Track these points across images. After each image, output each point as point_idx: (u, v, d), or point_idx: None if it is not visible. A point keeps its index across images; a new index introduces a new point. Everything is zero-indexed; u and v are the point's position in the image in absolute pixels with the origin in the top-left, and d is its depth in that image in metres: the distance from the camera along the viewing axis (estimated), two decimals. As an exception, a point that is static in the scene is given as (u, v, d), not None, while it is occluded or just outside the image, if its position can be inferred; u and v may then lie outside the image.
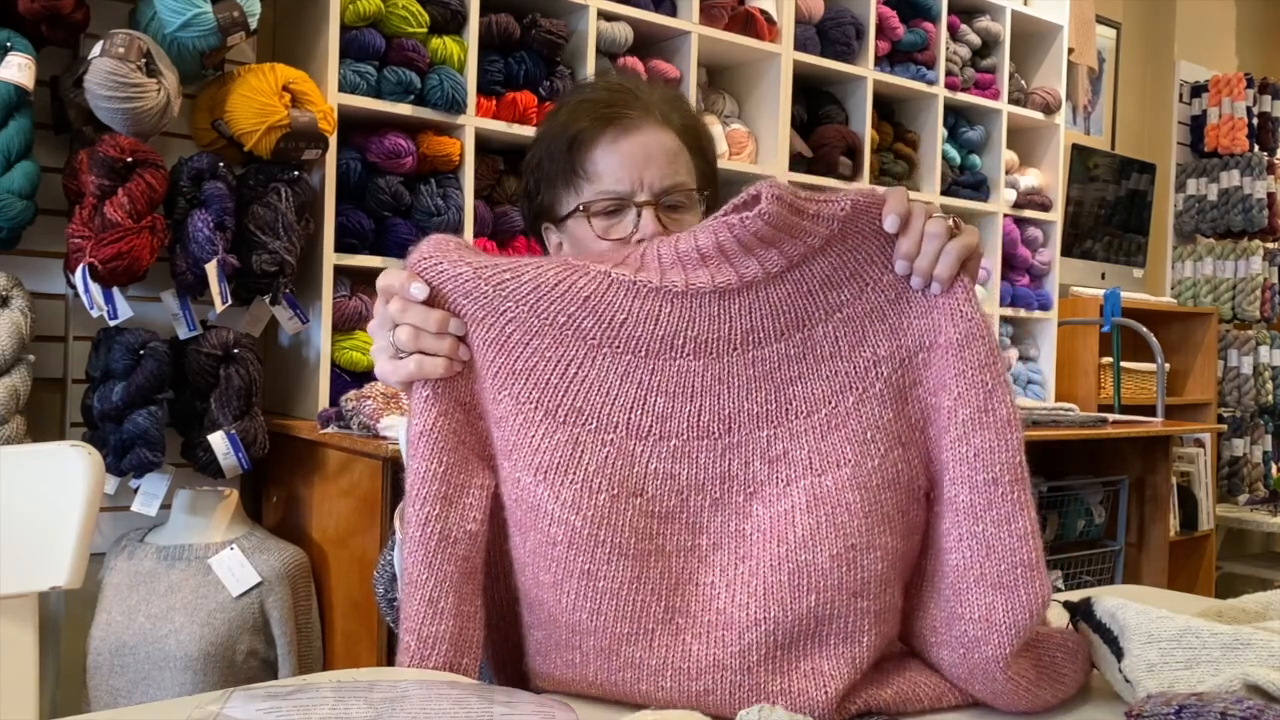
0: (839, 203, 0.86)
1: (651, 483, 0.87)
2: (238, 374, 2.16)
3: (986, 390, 0.85)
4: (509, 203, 2.62)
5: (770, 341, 0.88)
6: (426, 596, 0.85)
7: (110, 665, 2.03)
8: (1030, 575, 0.83)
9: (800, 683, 0.84)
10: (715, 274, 0.87)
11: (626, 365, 0.87)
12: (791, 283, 0.88)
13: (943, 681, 0.89)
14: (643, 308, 0.87)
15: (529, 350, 0.87)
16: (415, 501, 0.87)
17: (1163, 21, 4.78)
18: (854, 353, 0.89)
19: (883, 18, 3.27)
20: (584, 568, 0.85)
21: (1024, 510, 0.84)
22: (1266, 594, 1.05)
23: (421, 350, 0.88)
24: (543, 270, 0.88)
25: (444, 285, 0.88)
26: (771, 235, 0.86)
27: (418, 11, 2.39)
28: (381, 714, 0.71)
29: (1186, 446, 4.10)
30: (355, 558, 2.15)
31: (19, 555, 1.14)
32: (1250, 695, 0.76)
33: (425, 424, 0.88)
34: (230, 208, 2.14)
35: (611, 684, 0.87)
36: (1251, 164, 4.65)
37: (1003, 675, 0.84)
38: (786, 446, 0.88)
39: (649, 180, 1.12)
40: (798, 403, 0.88)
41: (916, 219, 0.88)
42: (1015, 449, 0.84)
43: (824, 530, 0.85)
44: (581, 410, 0.87)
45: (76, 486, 1.16)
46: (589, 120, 1.14)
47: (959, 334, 0.86)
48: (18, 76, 1.96)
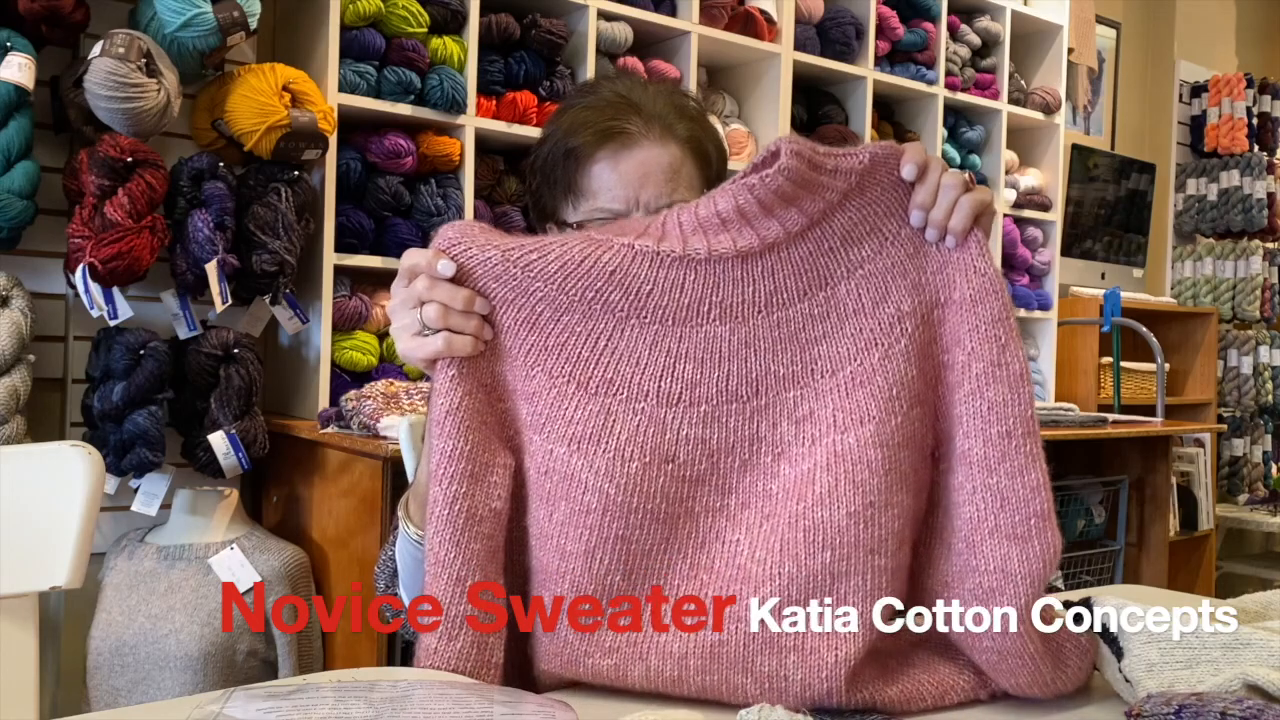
0: (857, 155, 0.87)
1: (683, 449, 0.88)
2: (238, 374, 2.16)
3: (1000, 345, 0.85)
4: (509, 203, 2.62)
5: (794, 302, 0.89)
6: (454, 575, 0.85)
7: (110, 665, 2.03)
8: (1044, 525, 0.83)
9: (812, 641, 0.84)
10: (737, 238, 0.87)
11: (654, 334, 0.88)
12: (812, 241, 0.88)
13: (947, 679, 0.89)
14: (667, 277, 0.88)
15: (559, 326, 0.89)
16: (442, 480, 0.86)
17: (1163, 21, 4.78)
18: (877, 309, 0.89)
19: (883, 18, 3.27)
20: (618, 533, 0.87)
21: (1036, 462, 0.84)
22: (1266, 594, 1.04)
23: (449, 328, 0.88)
24: (568, 248, 0.88)
25: (473, 268, 0.89)
26: (791, 191, 0.86)
27: (418, 11, 2.39)
28: (381, 714, 0.71)
29: (1186, 446, 4.10)
30: (355, 558, 2.15)
31: (19, 555, 1.14)
32: (1250, 695, 0.76)
33: (451, 403, 0.88)
34: (230, 208, 2.14)
35: (626, 642, 0.87)
36: (1251, 164, 4.65)
37: (1022, 628, 0.84)
38: (813, 406, 0.89)
39: (645, 199, 1.12)
40: (822, 362, 0.89)
41: (933, 170, 0.88)
42: (1027, 402, 0.85)
43: (843, 488, 0.86)
44: (612, 381, 0.88)
45: (76, 486, 1.16)
46: (589, 134, 1.14)
47: (973, 289, 0.87)
48: (18, 76, 1.96)
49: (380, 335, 2.43)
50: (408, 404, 2.14)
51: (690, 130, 1.16)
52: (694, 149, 1.16)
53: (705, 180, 1.17)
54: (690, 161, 1.15)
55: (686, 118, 1.17)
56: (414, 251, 0.91)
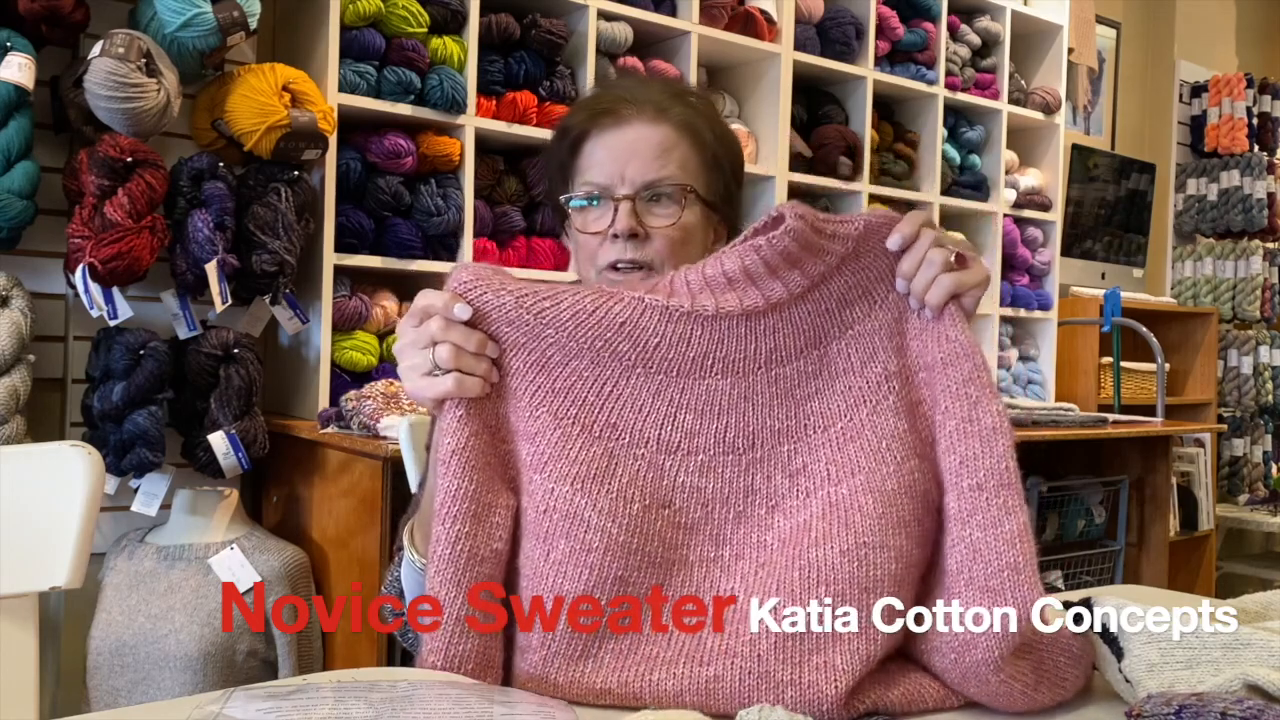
0: (854, 222, 0.91)
1: (679, 495, 0.92)
2: (238, 374, 2.16)
3: (971, 402, 0.88)
4: (509, 203, 2.62)
5: (791, 359, 0.93)
6: (454, 615, 0.87)
7: (110, 665, 2.03)
8: (1017, 579, 0.83)
9: (810, 675, 0.84)
10: (743, 297, 0.91)
11: (659, 384, 0.92)
12: (811, 302, 0.92)
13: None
14: (674, 331, 0.91)
15: (568, 370, 0.92)
16: (445, 520, 0.88)
17: (1163, 21, 4.78)
18: (865, 368, 0.93)
19: (883, 18, 3.27)
20: (617, 574, 0.89)
21: (1011, 515, 0.85)
22: (1266, 594, 1.05)
23: (460, 369, 0.90)
24: (580, 298, 0.91)
25: (487, 311, 0.91)
26: (795, 253, 0.89)
27: (418, 11, 2.39)
28: (381, 714, 0.71)
29: (1186, 446, 4.10)
30: (355, 557, 2.15)
31: (19, 555, 1.14)
32: (1250, 695, 0.76)
33: (458, 443, 0.90)
34: (230, 208, 2.14)
35: (620, 682, 0.87)
36: (1251, 164, 4.65)
37: (995, 678, 0.84)
38: (806, 460, 0.92)
39: (630, 174, 1.13)
40: (815, 418, 0.93)
41: (921, 242, 0.91)
42: (1000, 455, 0.86)
43: (835, 529, 0.88)
44: (616, 425, 0.92)
45: (76, 486, 1.16)
46: (583, 115, 1.17)
47: (943, 354, 0.90)
48: (18, 76, 1.96)
49: (380, 335, 2.43)
50: (408, 404, 2.14)
51: (685, 115, 1.17)
52: (688, 131, 1.16)
53: (703, 166, 1.17)
54: (685, 143, 1.16)
55: (682, 102, 1.18)
56: (428, 293, 0.92)
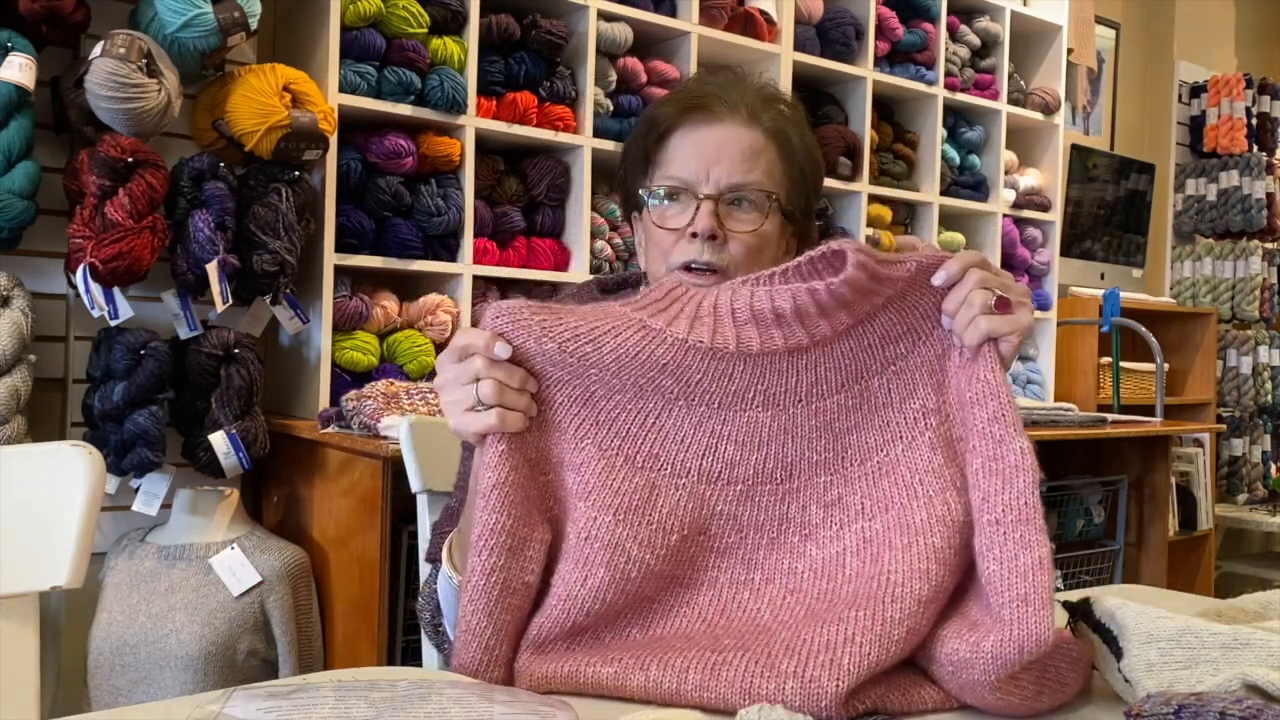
0: (906, 264, 0.92)
1: (715, 522, 0.95)
2: (238, 374, 2.16)
3: (995, 440, 0.89)
4: (509, 203, 2.62)
5: (832, 394, 0.94)
6: (484, 644, 0.90)
7: (111, 665, 2.03)
8: (1024, 610, 0.83)
9: (814, 670, 0.84)
10: (788, 335, 0.92)
11: (700, 416, 0.94)
12: (854, 338, 0.93)
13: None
14: (717, 367, 0.93)
15: (611, 404, 0.94)
16: (482, 552, 0.90)
17: (1162, 21, 4.78)
18: (904, 404, 0.94)
19: (882, 18, 3.27)
20: (648, 595, 0.93)
21: (1028, 549, 0.84)
22: (1266, 594, 1.05)
23: (503, 404, 0.91)
24: (621, 339, 0.92)
25: (529, 353, 0.93)
26: (850, 298, 0.90)
27: (418, 12, 2.39)
28: (381, 714, 0.71)
29: (1186, 446, 4.10)
30: (356, 557, 2.15)
31: (19, 555, 1.14)
32: (1249, 695, 0.77)
33: (499, 477, 0.92)
34: (231, 208, 2.14)
35: (636, 682, 0.89)
36: (1251, 164, 4.65)
37: (991, 696, 0.85)
38: (841, 492, 0.95)
39: (716, 174, 1.12)
40: (852, 451, 0.95)
41: (965, 283, 0.91)
42: (1019, 492, 0.86)
43: (866, 567, 0.91)
44: (658, 457, 0.94)
45: (77, 486, 1.16)
46: (673, 107, 1.15)
47: (973, 393, 0.91)
48: (18, 76, 1.96)
49: (380, 335, 2.43)
50: (408, 404, 2.14)
51: (777, 121, 1.15)
52: (779, 138, 1.15)
53: (788, 176, 1.15)
54: (773, 151, 1.14)
55: (775, 108, 1.16)
56: (468, 331, 0.94)
